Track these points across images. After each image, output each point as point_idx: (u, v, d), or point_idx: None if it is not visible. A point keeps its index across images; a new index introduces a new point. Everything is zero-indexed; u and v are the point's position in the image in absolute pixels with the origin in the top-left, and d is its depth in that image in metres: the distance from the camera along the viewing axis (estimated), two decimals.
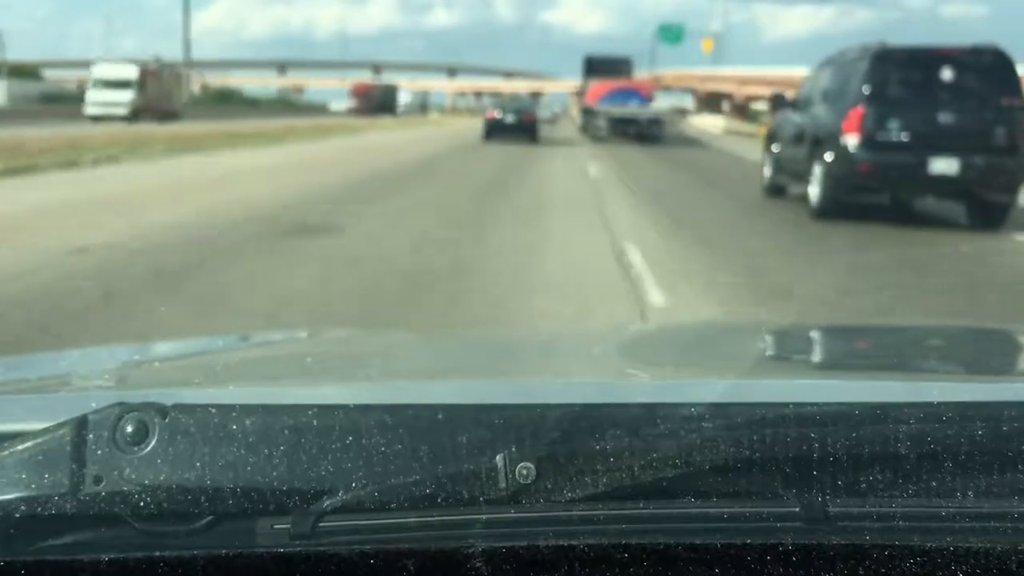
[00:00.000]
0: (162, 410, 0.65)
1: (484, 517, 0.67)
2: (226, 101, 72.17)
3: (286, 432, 0.65)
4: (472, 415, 0.67)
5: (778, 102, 12.55)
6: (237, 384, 1.14)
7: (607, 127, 29.36)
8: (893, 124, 9.32)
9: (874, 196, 10.11)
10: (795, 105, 11.44)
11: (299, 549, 0.66)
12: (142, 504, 0.64)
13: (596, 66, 35.34)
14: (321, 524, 0.66)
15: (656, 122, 29.41)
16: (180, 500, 0.64)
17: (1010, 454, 0.68)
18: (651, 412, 0.68)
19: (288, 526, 0.67)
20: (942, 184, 9.36)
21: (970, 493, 0.68)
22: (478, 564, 0.66)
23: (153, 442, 0.64)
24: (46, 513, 0.64)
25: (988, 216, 9.56)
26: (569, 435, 0.66)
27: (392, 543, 0.67)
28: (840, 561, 0.67)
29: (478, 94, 53.36)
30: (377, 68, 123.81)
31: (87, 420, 0.65)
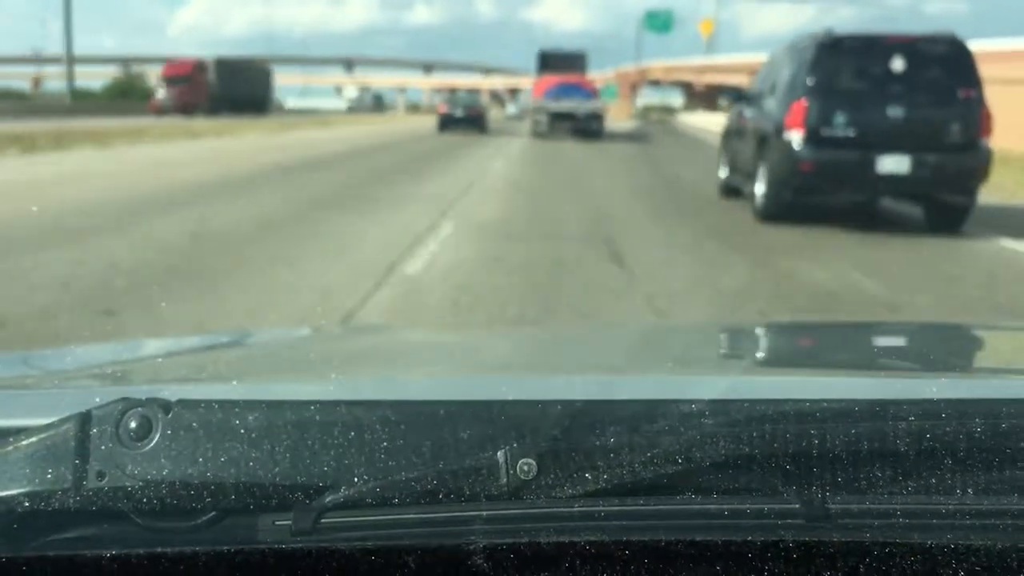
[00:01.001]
0: (165, 406, 0.65)
1: (485, 513, 0.67)
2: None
3: (288, 428, 0.66)
4: (473, 411, 0.68)
5: (735, 96, 11.72)
6: (240, 380, 1.14)
7: (547, 122, 29.38)
8: (839, 119, 8.55)
9: (835, 197, 9.48)
10: (747, 99, 10.59)
11: (301, 545, 0.66)
12: (145, 500, 0.64)
13: (550, 61, 34.98)
14: (323, 520, 0.66)
15: (594, 117, 29.41)
16: (182, 496, 0.64)
17: (1009, 451, 0.68)
18: (651, 409, 0.68)
19: (290, 522, 0.67)
20: (892, 184, 8.67)
21: (969, 490, 0.68)
22: (479, 560, 0.66)
23: (156, 438, 0.64)
24: (49, 508, 0.64)
25: (946, 218, 8.88)
26: (570, 431, 0.67)
27: (393, 539, 0.67)
28: (840, 558, 0.67)
29: (452, 91, 52.51)
30: (349, 64, 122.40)
31: (90, 415, 0.65)
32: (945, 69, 8.65)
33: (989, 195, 9.57)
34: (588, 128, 28.68)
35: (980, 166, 8.61)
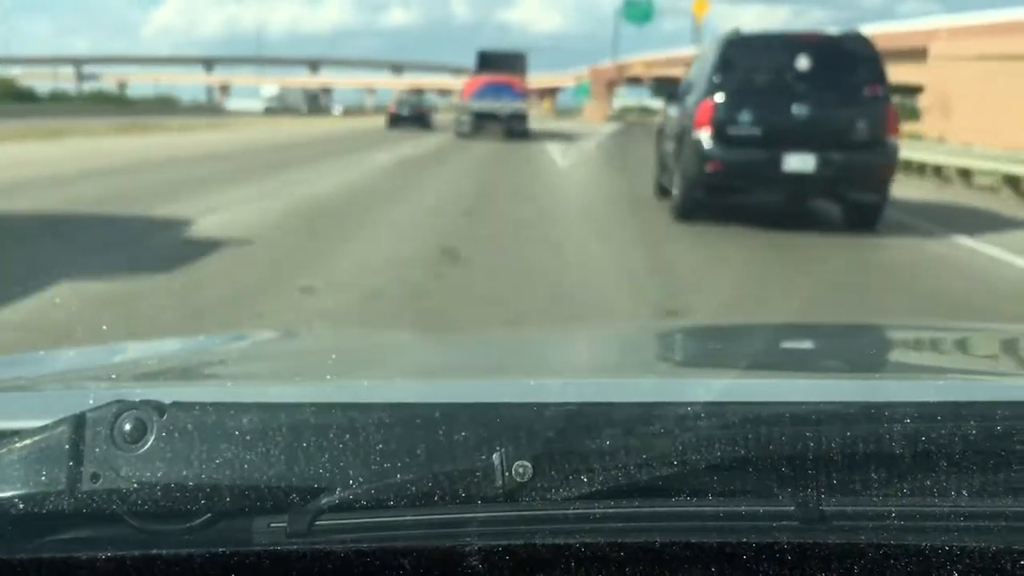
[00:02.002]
0: (160, 408, 0.65)
1: (481, 515, 0.67)
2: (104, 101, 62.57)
3: (283, 430, 0.65)
4: (469, 414, 0.68)
5: (669, 94, 11.33)
6: (235, 382, 1.14)
7: (470, 122, 29.30)
8: (745, 118, 8.53)
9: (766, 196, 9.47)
10: (675, 97, 10.30)
11: (296, 547, 0.66)
12: (139, 502, 0.64)
13: (489, 61, 34.60)
14: (318, 522, 0.66)
15: (517, 117, 29.33)
16: (177, 498, 0.64)
17: (1003, 453, 0.68)
18: (647, 411, 0.68)
19: (285, 524, 0.67)
20: (798, 183, 8.63)
21: (964, 492, 0.68)
22: (474, 562, 0.66)
23: (151, 440, 0.64)
24: (43, 511, 0.64)
25: (860, 217, 8.89)
26: (565, 434, 0.67)
27: (388, 541, 0.67)
28: (835, 560, 0.67)
29: (418, 91, 51.40)
30: (314, 65, 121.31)
31: (85, 418, 0.65)
32: (852, 67, 8.63)
33: None
34: (511, 128, 28.60)
35: (886, 164, 8.62)
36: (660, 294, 6.14)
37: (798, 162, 8.43)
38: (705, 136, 8.56)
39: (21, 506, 0.63)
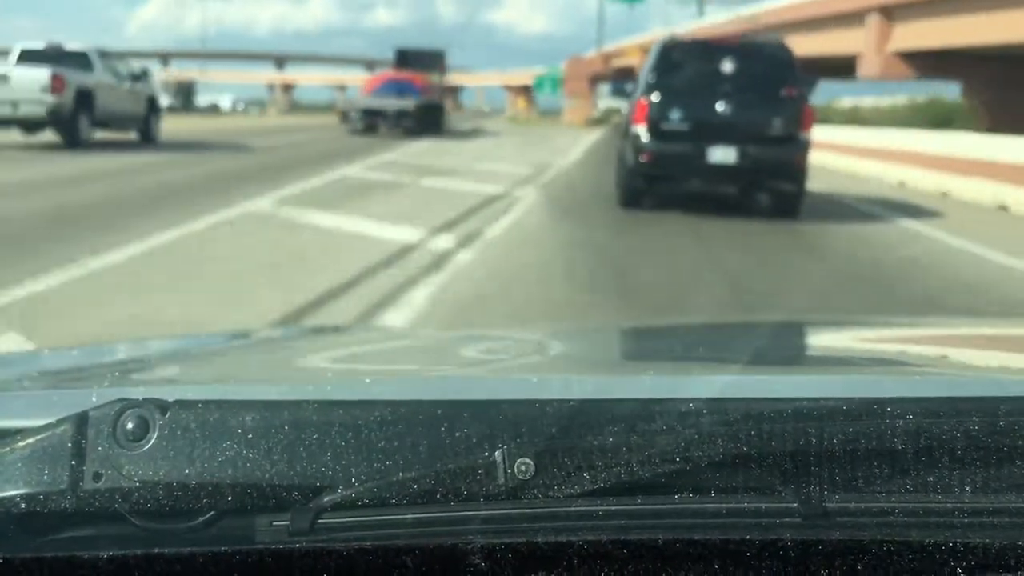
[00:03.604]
0: (162, 406, 0.65)
1: (483, 513, 0.67)
2: None
3: (286, 428, 0.65)
4: (471, 411, 0.68)
5: (623, 92, 12.65)
6: (237, 380, 1.14)
7: (359, 119, 29.20)
8: (675, 114, 9.66)
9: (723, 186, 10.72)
10: (626, 94, 11.51)
11: (298, 545, 0.66)
12: (142, 500, 0.64)
13: (408, 59, 35.13)
14: (320, 520, 0.66)
15: (404, 115, 28.89)
16: (179, 497, 0.64)
17: (1006, 448, 0.68)
18: (649, 408, 0.68)
19: (287, 522, 0.67)
20: (721, 173, 9.84)
21: (967, 488, 0.68)
22: (476, 560, 0.66)
23: (153, 438, 0.64)
24: (45, 510, 0.64)
25: (783, 204, 10.03)
26: (567, 431, 0.66)
27: (391, 539, 0.67)
28: (838, 556, 0.67)
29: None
30: (280, 61, 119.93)
31: (87, 416, 0.65)
32: (771, 71, 9.83)
33: None
34: (400, 125, 28.39)
35: (799, 157, 9.74)
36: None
37: (721, 154, 9.59)
38: (642, 131, 9.74)
39: (23, 505, 0.63)
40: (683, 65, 9.99)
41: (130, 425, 0.64)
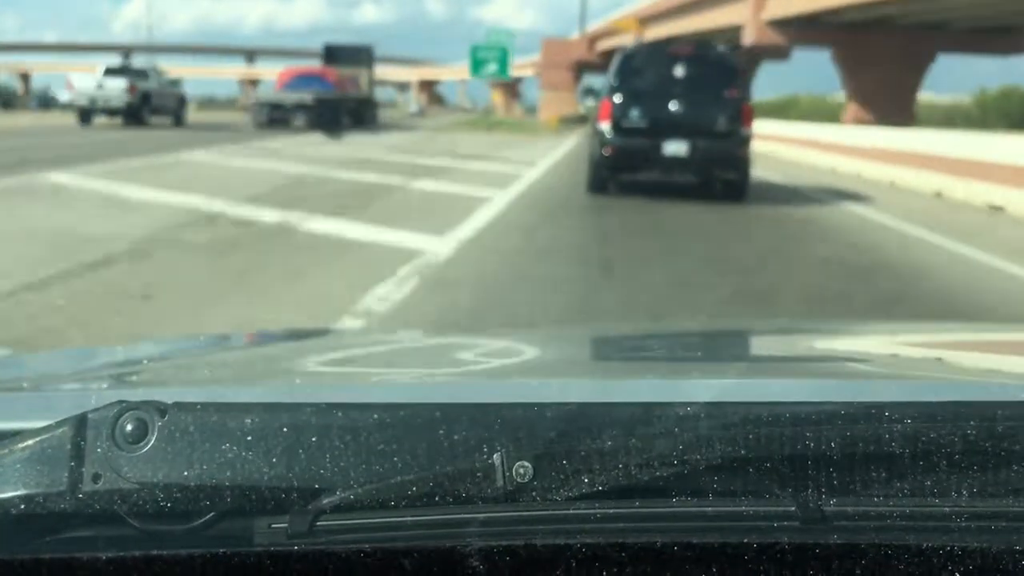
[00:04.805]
0: (161, 408, 0.65)
1: (481, 516, 0.67)
2: None
3: (284, 431, 0.66)
4: (469, 414, 0.68)
5: (593, 93, 14.21)
6: (236, 382, 1.14)
7: (265, 113, 29.89)
8: (635, 113, 11.34)
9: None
10: (595, 94, 13.21)
11: (297, 548, 0.66)
12: (140, 502, 0.64)
13: (335, 54, 35.79)
14: (318, 523, 0.66)
15: (303, 108, 29.59)
16: (178, 499, 0.64)
17: (1004, 453, 0.68)
18: (647, 411, 0.68)
19: (286, 525, 0.67)
20: (675, 163, 11.49)
21: (965, 492, 0.68)
22: (475, 562, 0.66)
23: (152, 440, 0.64)
24: (44, 512, 0.64)
25: (731, 190, 11.67)
26: (566, 434, 0.67)
27: (390, 541, 0.67)
28: (835, 560, 0.67)
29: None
30: (251, 55, 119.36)
31: (86, 418, 0.65)
32: (717, 75, 11.50)
33: None
34: (299, 118, 29.00)
35: (741, 149, 11.42)
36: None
37: (674, 147, 11.26)
38: (606, 127, 11.42)
39: (22, 506, 0.63)
40: (642, 70, 11.62)
41: (129, 427, 0.64)
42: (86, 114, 29.87)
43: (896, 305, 6.08)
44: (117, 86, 29.08)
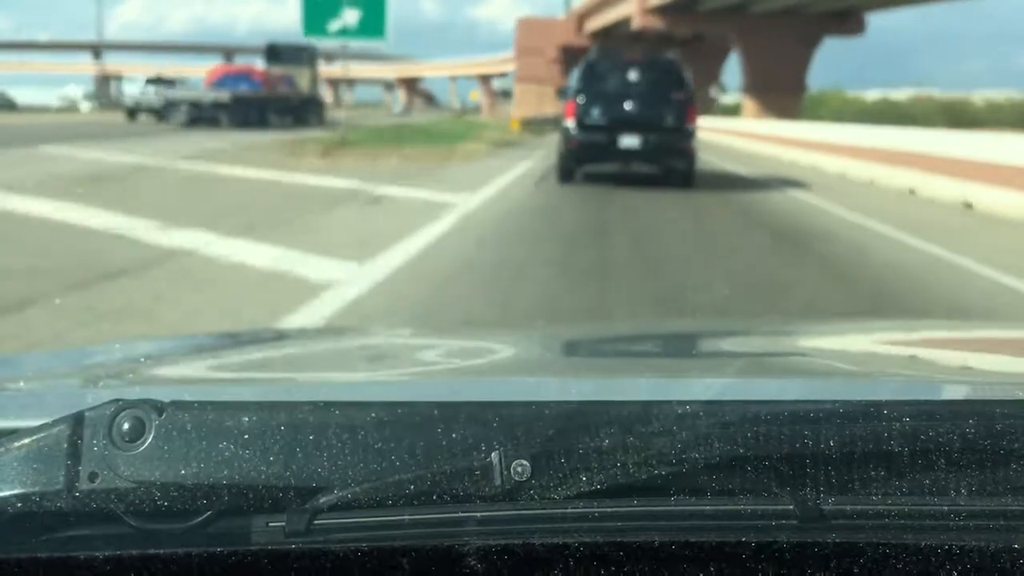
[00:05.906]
0: (158, 407, 0.65)
1: (479, 514, 0.67)
2: None
3: (282, 429, 0.65)
4: (467, 412, 0.68)
5: (561, 93, 16.12)
6: (233, 381, 1.14)
7: (186, 111, 30.34)
8: (595, 111, 13.33)
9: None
10: (564, 94, 14.82)
11: (294, 546, 0.66)
12: (138, 501, 0.64)
13: (278, 53, 36.31)
14: (316, 521, 0.66)
15: (219, 106, 30.28)
16: (176, 497, 0.64)
17: (1002, 452, 0.68)
18: (646, 410, 0.68)
19: (284, 523, 0.67)
20: (630, 155, 13.47)
21: (963, 491, 0.68)
22: (473, 561, 0.66)
23: (149, 439, 0.64)
24: (41, 510, 0.64)
25: (679, 178, 13.52)
26: (564, 432, 0.66)
27: (387, 540, 0.67)
28: (834, 559, 0.67)
29: (334, 81, 48.98)
30: (228, 53, 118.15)
31: (83, 417, 0.65)
32: (665, 79, 13.58)
33: None
34: (215, 116, 29.60)
35: (686, 142, 13.40)
36: None
37: (629, 141, 13.21)
38: (571, 124, 13.41)
39: (19, 505, 0.63)
40: (603, 75, 13.56)
41: (126, 426, 0.64)
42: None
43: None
44: (154, 93, 36.04)
